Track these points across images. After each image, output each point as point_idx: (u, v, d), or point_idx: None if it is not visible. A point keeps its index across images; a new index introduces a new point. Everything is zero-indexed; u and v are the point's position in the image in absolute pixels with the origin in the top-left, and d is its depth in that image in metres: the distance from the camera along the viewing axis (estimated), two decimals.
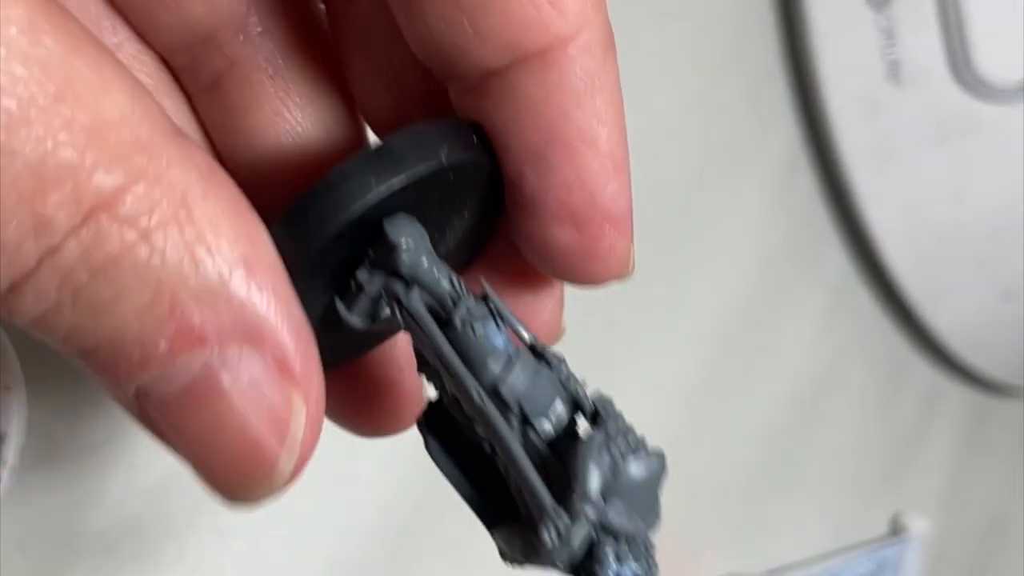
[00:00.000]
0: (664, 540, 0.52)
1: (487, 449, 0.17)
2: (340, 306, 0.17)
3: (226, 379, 0.14)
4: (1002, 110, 0.49)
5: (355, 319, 0.17)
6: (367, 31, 0.19)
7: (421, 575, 0.37)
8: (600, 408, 0.17)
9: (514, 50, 0.16)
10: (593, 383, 0.45)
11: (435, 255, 0.17)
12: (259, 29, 0.19)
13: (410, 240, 0.17)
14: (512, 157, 0.17)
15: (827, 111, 0.50)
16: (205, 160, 0.14)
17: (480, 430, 0.17)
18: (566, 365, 0.17)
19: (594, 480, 0.16)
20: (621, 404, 0.46)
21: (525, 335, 0.17)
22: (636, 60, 0.45)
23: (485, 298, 0.17)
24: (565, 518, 0.16)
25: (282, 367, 0.14)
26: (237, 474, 0.15)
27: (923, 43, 0.48)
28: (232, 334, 0.14)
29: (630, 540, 0.17)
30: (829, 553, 0.53)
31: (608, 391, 0.47)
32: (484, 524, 0.18)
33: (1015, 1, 0.47)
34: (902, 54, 0.49)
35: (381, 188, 0.16)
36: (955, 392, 0.60)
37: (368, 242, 0.17)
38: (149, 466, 0.30)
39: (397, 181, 0.16)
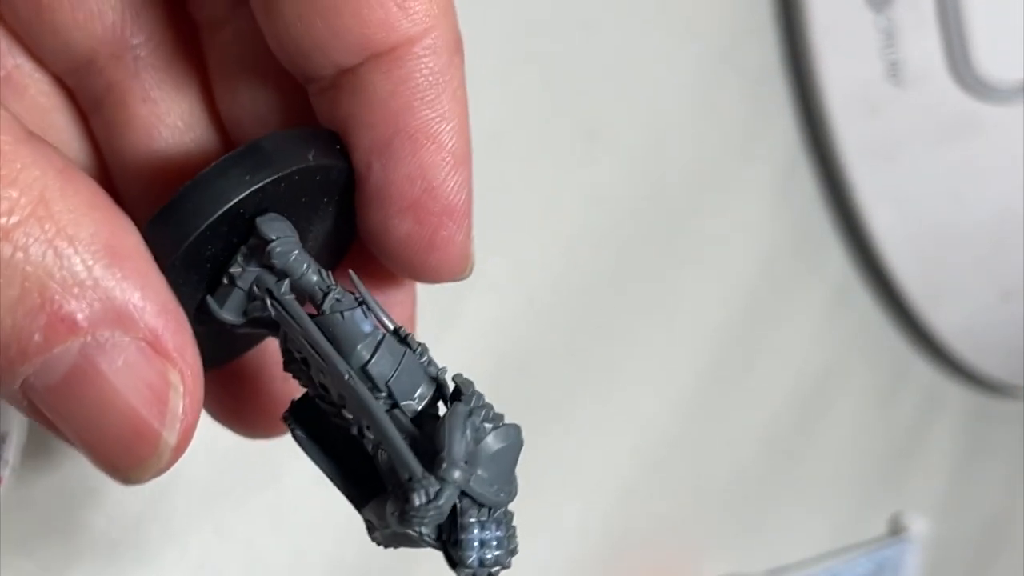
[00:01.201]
0: (664, 540, 0.51)
1: (354, 432, 0.18)
2: (211, 302, 0.18)
3: (102, 363, 0.15)
4: (1002, 110, 0.49)
5: (227, 314, 0.18)
6: (234, 52, 0.20)
7: (421, 575, 0.37)
8: (462, 386, 0.18)
9: (365, 48, 0.17)
10: (594, 383, 0.45)
11: (304, 249, 0.18)
12: (135, 53, 0.20)
13: (281, 236, 0.18)
14: (362, 151, 0.18)
15: (827, 111, 0.50)
16: (60, 159, 0.15)
17: (349, 412, 0.18)
18: (427, 351, 0.18)
19: (459, 446, 0.17)
20: (622, 403, 0.46)
21: (389, 323, 0.18)
22: (638, 62, 0.45)
23: (352, 291, 0.19)
24: (434, 482, 0.17)
25: (155, 346, 0.15)
26: (124, 452, 0.16)
27: (923, 43, 0.48)
28: (102, 319, 0.15)
29: (491, 508, 0.18)
30: (829, 553, 0.53)
31: (609, 391, 0.47)
32: (353, 505, 0.19)
33: (1015, 1, 0.47)
34: (902, 54, 0.49)
35: (254, 183, 0.17)
36: (955, 392, 0.60)
37: (240, 239, 0.18)
38: None
39: (269, 177, 0.17)
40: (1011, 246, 0.52)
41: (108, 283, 0.15)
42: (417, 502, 0.17)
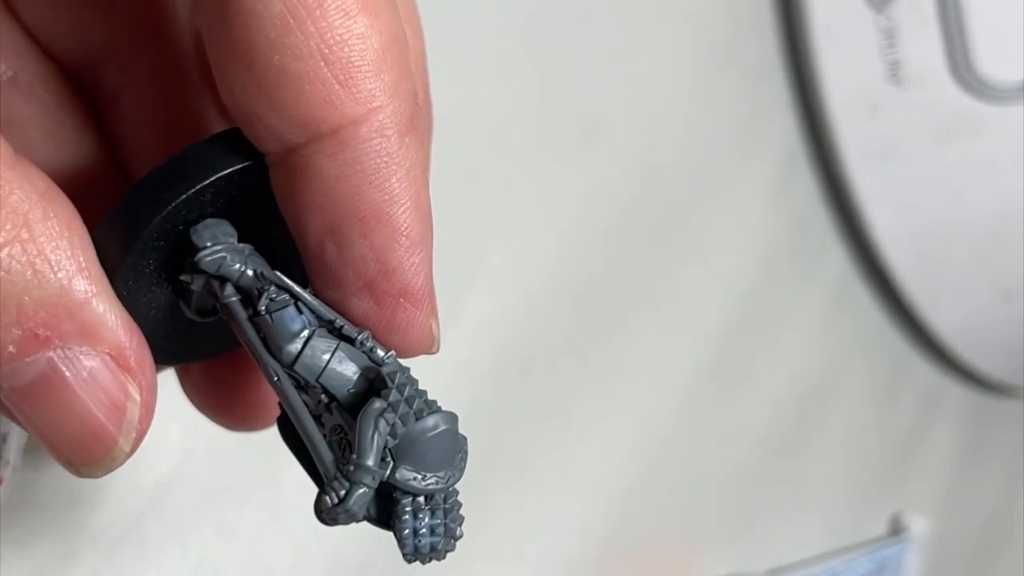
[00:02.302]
0: (665, 540, 0.51)
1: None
2: (182, 303, 0.19)
3: (68, 373, 0.16)
4: (1002, 110, 0.49)
5: (195, 315, 0.19)
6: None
7: (420, 574, 0.37)
8: (386, 378, 0.18)
9: (308, 128, 0.17)
10: (594, 383, 0.45)
11: (242, 252, 0.18)
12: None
13: (212, 241, 0.18)
14: (313, 231, 0.18)
15: (827, 111, 0.50)
16: (43, 181, 0.16)
17: (283, 406, 0.19)
18: (371, 341, 0.18)
19: (368, 445, 0.17)
20: (622, 402, 0.45)
21: (328, 317, 0.18)
22: (638, 60, 0.45)
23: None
24: (344, 482, 0.17)
25: (119, 361, 0.17)
26: (81, 452, 0.17)
27: (923, 43, 0.48)
28: (73, 335, 0.16)
29: (427, 497, 0.18)
30: (829, 553, 0.53)
31: (609, 389, 0.47)
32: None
33: (1015, 1, 0.48)
34: (902, 54, 0.49)
35: (167, 204, 0.17)
36: (955, 392, 0.60)
37: (185, 248, 0.18)
38: (151, 465, 0.30)
39: (181, 196, 0.17)
40: (1011, 245, 0.52)
41: (80, 302, 0.16)
42: (327, 504, 0.17)
